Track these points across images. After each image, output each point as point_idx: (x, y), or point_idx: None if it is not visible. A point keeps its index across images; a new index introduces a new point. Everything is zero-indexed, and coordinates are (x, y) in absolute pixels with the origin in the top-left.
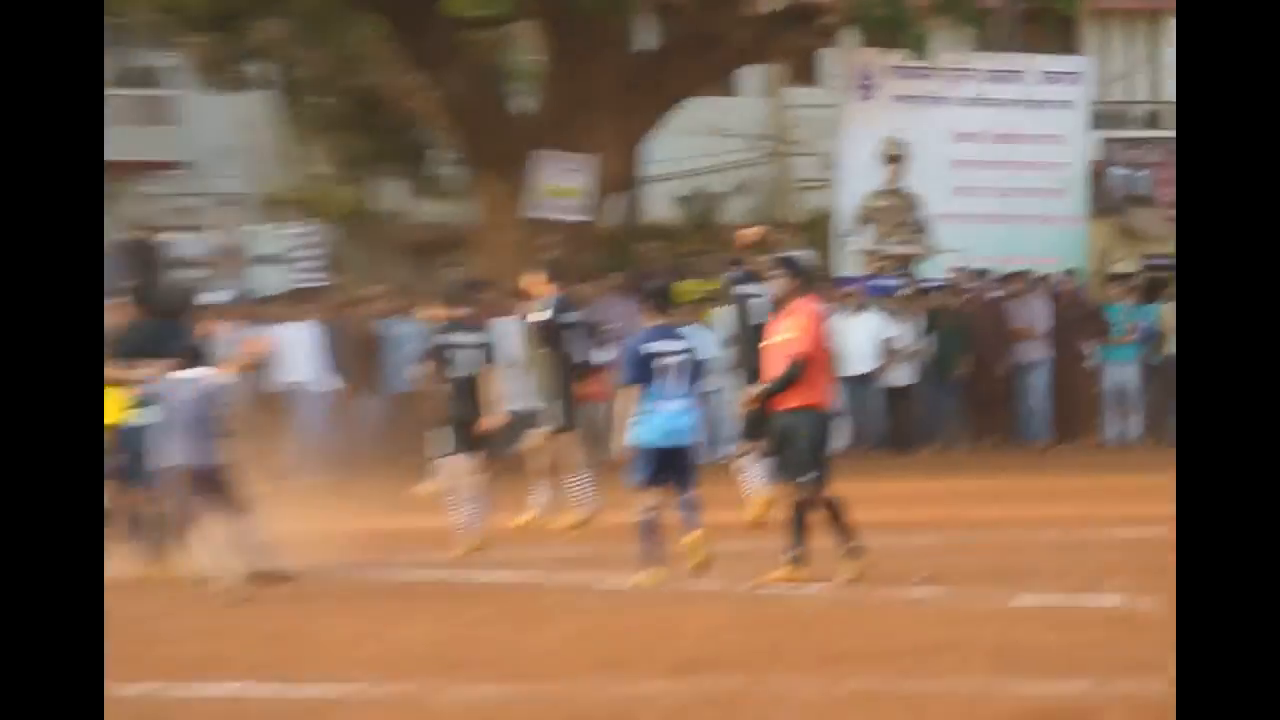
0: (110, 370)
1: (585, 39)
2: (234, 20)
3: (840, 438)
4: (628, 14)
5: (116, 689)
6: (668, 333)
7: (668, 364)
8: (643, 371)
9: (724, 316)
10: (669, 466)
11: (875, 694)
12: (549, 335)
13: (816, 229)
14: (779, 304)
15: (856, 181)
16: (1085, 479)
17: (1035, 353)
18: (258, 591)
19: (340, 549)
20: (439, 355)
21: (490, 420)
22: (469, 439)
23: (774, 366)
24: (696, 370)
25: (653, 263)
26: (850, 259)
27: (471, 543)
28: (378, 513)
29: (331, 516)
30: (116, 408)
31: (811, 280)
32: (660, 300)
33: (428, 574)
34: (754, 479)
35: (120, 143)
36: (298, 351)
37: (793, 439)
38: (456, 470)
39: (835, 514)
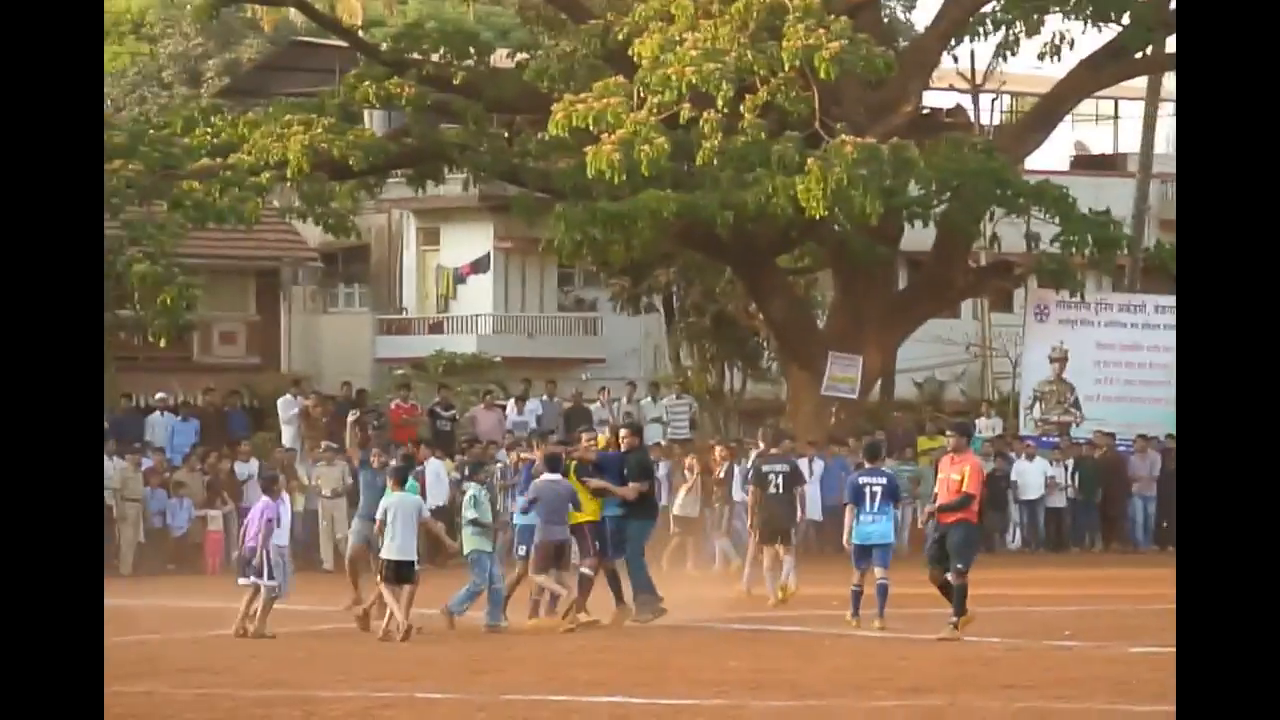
0: (593, 484)
1: (860, 282)
2: (640, 268)
3: (1014, 541)
4: (887, 266)
5: (540, 695)
6: (874, 472)
7: (872, 491)
8: (856, 495)
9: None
10: (868, 556)
11: (1040, 711)
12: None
13: (1006, 405)
14: (954, 453)
15: (1033, 374)
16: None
17: (1146, 490)
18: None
19: (693, 606)
20: (761, 477)
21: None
22: (773, 535)
23: (945, 492)
24: (891, 495)
25: (897, 427)
26: (1028, 424)
27: (777, 598)
28: (707, 582)
29: (690, 583)
30: (594, 509)
31: (971, 440)
32: (870, 453)
33: (744, 625)
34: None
35: (566, 345)
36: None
37: (957, 542)
38: (767, 555)
39: (963, 592)
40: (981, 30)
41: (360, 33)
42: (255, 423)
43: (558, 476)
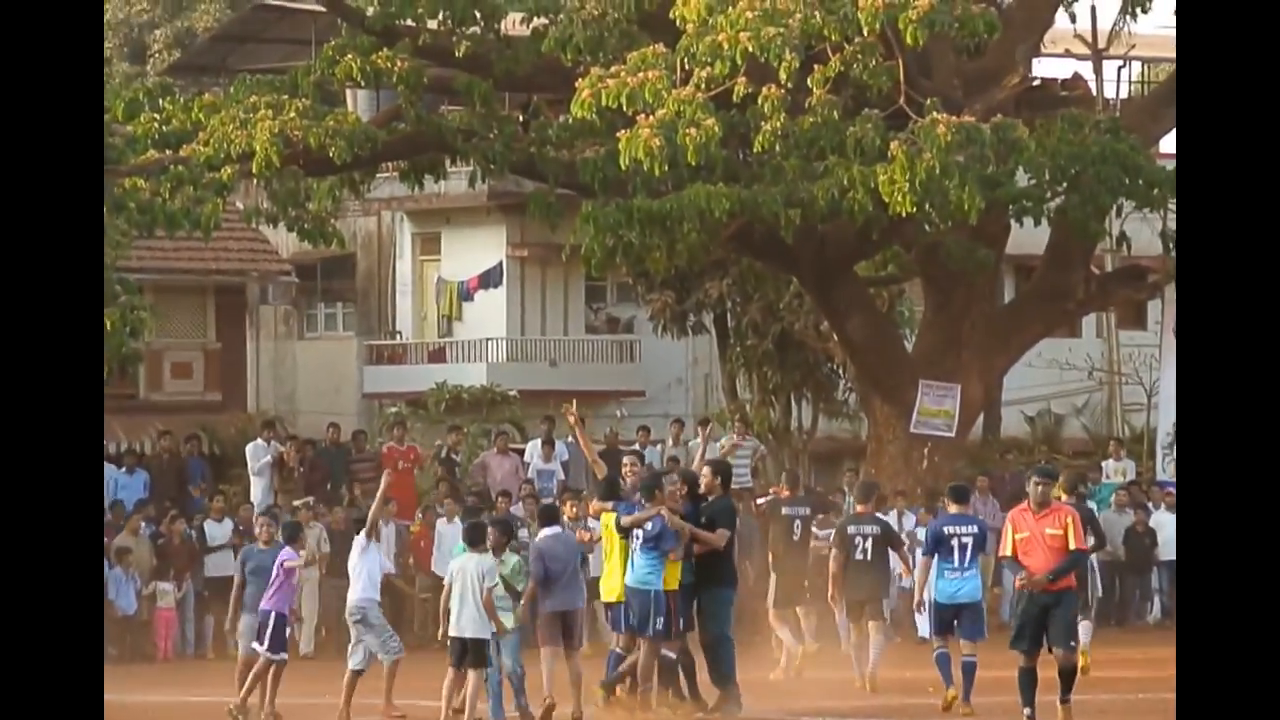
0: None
1: (957, 293)
2: (686, 280)
3: (1153, 612)
4: (989, 273)
5: None
6: (962, 519)
7: (961, 542)
8: (939, 544)
9: None
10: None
11: None
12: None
13: (1140, 444)
14: (1041, 505)
15: (1174, 405)
16: None
17: None
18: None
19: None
20: (846, 540)
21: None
22: (861, 609)
23: (1040, 554)
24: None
25: (1004, 472)
26: (1167, 467)
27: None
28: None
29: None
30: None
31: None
32: (956, 495)
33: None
34: None
35: (597, 376)
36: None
37: (1066, 614)
38: (855, 631)
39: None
40: None
41: None
42: (217, 474)
43: (558, 530)
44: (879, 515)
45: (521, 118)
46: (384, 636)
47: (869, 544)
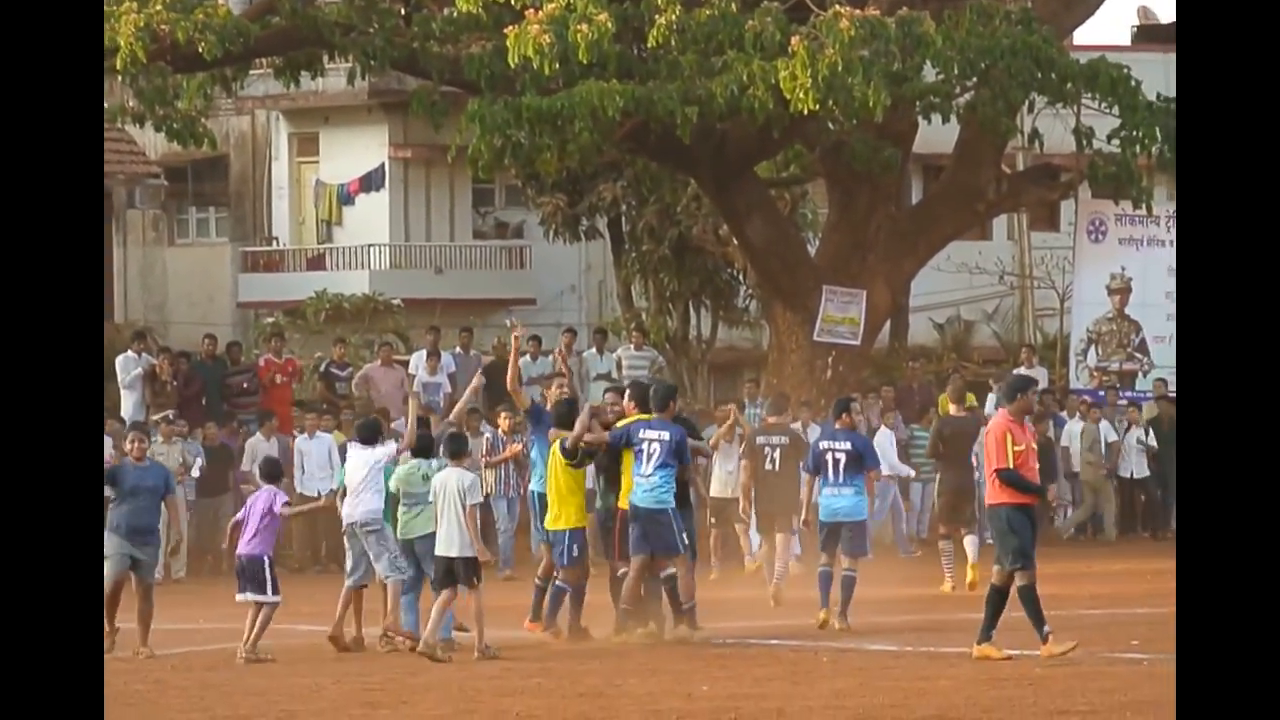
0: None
1: (862, 194)
2: (578, 183)
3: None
4: (896, 173)
5: None
6: (838, 434)
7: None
8: (818, 463)
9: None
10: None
11: None
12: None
13: (1052, 350)
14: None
15: (1087, 310)
16: None
17: None
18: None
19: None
20: (756, 451)
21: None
22: (772, 520)
23: (1033, 465)
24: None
25: (912, 381)
26: (1081, 374)
27: (777, 595)
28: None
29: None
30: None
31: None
32: (837, 409)
33: (721, 640)
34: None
35: (485, 283)
36: None
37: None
38: (766, 544)
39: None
40: None
41: None
42: None
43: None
44: (791, 426)
45: (403, 10)
46: (395, 554)
47: (778, 455)
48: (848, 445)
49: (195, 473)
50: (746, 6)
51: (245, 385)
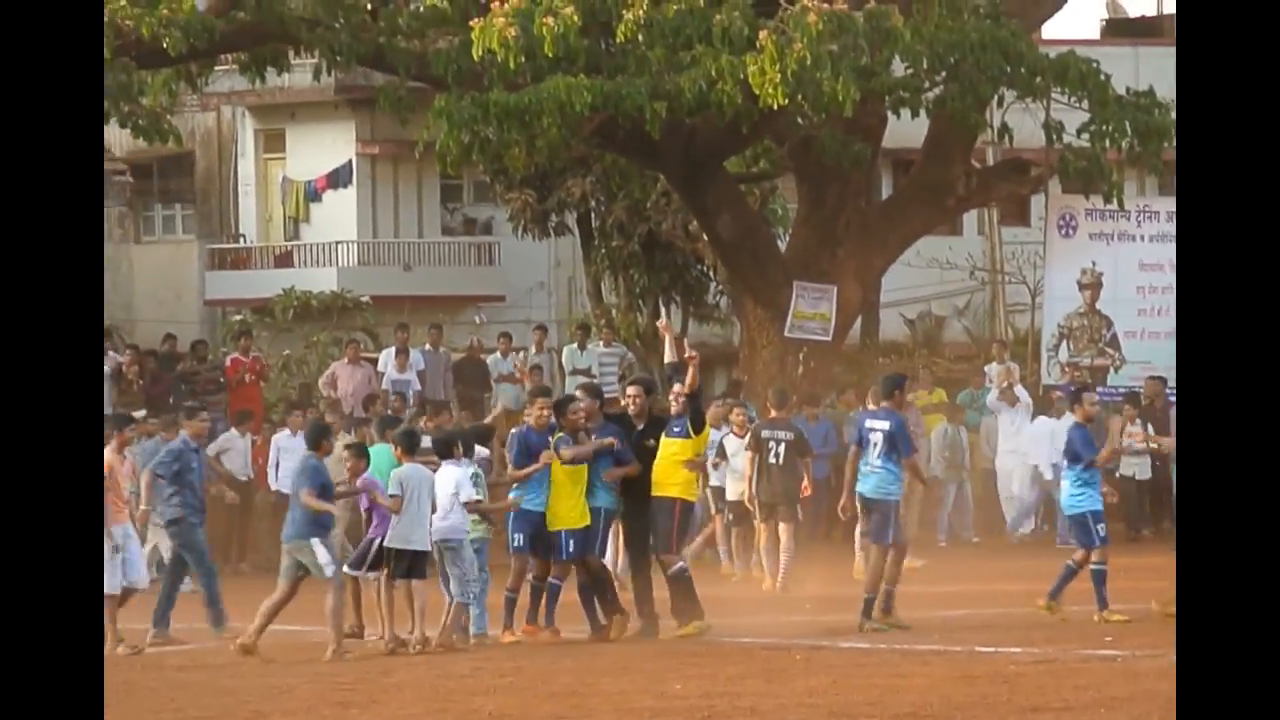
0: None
1: (832, 190)
2: (547, 178)
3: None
4: (865, 169)
5: None
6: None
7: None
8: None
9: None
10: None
11: None
12: None
13: (1024, 346)
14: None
15: (1058, 305)
16: None
17: None
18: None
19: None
20: (760, 444)
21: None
22: (773, 511)
23: None
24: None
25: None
26: (1052, 369)
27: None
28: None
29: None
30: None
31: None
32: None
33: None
34: None
35: (454, 280)
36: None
37: None
38: (765, 532)
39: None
40: None
41: None
42: None
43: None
44: (792, 421)
45: (369, 5)
46: (468, 577)
47: (781, 448)
48: (885, 425)
49: None
50: (714, 1)
51: (211, 385)
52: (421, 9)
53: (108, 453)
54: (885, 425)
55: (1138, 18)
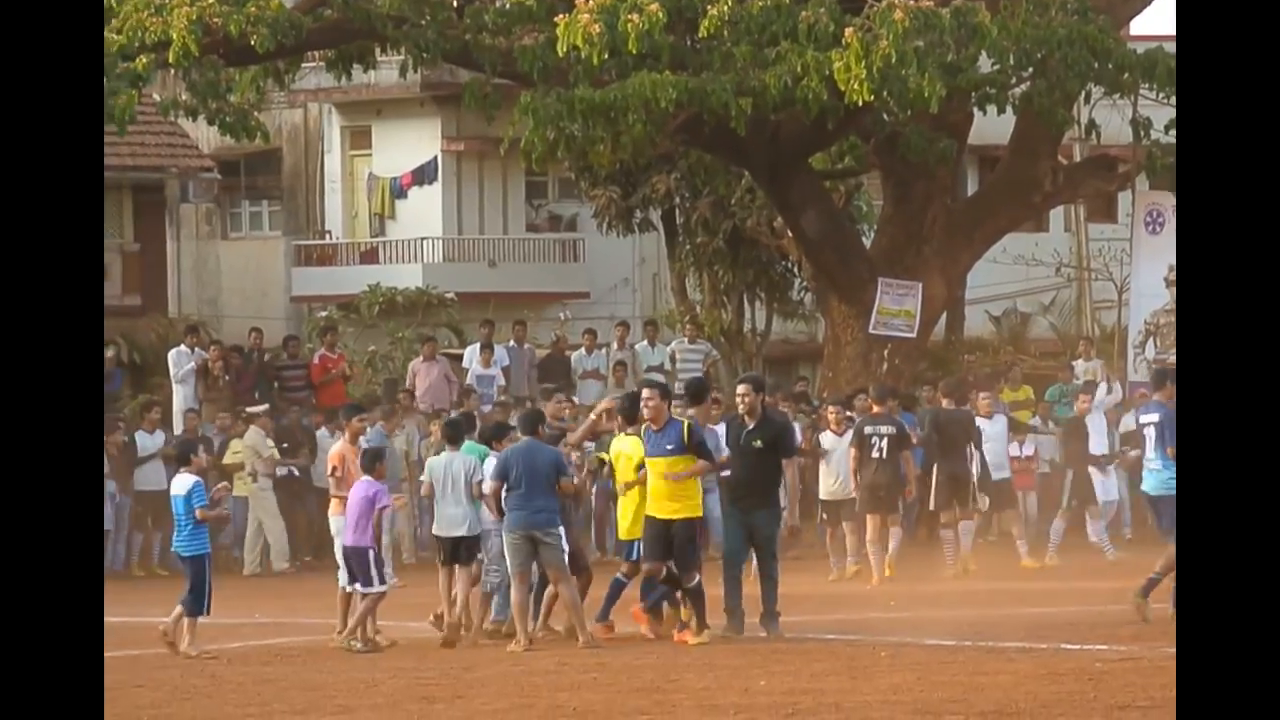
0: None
1: (918, 186)
2: (631, 175)
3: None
4: (950, 165)
5: None
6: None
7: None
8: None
9: None
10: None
11: None
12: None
13: (1110, 343)
14: None
15: (1145, 302)
16: None
17: None
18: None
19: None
20: (863, 439)
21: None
22: (877, 505)
23: None
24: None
25: (968, 374)
26: (1139, 367)
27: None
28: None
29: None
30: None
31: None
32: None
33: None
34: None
35: (539, 276)
36: None
37: None
38: (871, 526)
39: None
40: None
41: None
42: (135, 383)
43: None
44: (895, 417)
45: (455, 3)
46: (493, 565)
47: (885, 443)
48: (1155, 417)
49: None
50: None
51: (298, 381)
52: (507, 6)
53: (341, 444)
54: (1155, 417)
55: None
